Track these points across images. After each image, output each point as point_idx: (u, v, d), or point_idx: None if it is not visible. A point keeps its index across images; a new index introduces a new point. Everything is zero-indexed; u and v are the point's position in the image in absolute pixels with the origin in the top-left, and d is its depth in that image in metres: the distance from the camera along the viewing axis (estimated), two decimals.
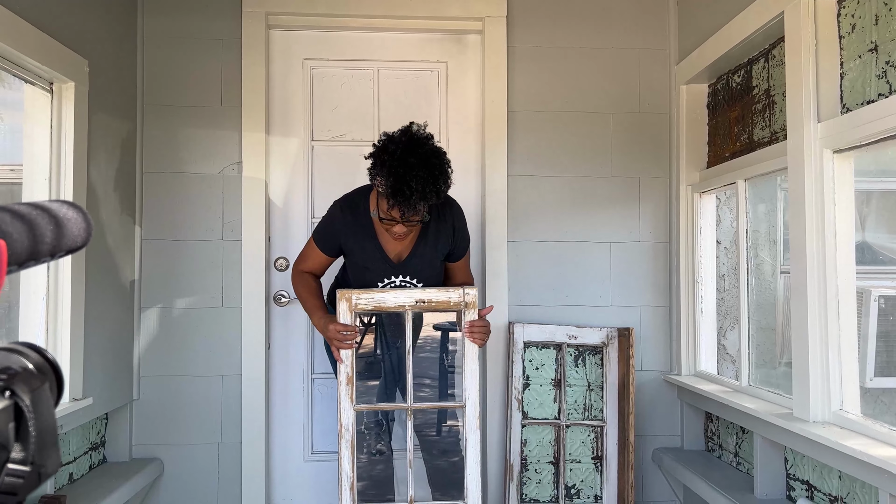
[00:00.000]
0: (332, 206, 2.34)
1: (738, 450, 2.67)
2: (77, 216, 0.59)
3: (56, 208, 0.58)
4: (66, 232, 0.58)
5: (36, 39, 2.09)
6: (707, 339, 2.92)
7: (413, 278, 2.32)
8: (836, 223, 2.03)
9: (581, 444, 2.88)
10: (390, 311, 2.16)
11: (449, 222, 2.32)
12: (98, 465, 2.68)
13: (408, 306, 2.09)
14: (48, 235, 0.56)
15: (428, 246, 2.30)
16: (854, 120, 1.91)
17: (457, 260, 2.41)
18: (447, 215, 2.32)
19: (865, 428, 1.89)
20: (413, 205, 1.99)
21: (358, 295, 2.12)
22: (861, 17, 1.95)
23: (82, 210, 0.61)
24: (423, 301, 2.10)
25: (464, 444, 2.13)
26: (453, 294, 2.11)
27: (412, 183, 1.94)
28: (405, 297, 2.10)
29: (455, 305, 2.12)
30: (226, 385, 2.88)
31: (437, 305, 2.12)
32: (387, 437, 2.53)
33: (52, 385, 0.52)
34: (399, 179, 1.95)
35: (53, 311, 2.28)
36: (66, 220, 0.58)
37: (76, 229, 0.59)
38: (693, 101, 2.96)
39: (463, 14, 2.97)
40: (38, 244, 0.54)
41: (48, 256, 0.56)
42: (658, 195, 3.05)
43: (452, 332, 2.21)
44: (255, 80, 2.90)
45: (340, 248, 2.32)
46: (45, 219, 0.56)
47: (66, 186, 2.31)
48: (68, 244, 0.58)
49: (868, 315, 2.67)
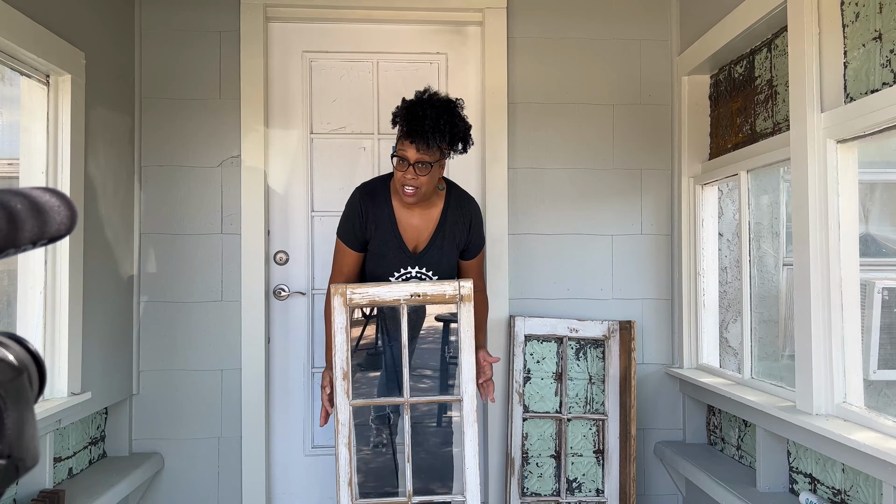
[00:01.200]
0: (351, 195, 2.32)
1: (740, 443, 2.66)
2: (60, 203, 0.58)
3: (37, 195, 0.56)
4: (48, 219, 0.56)
5: (31, 31, 2.08)
6: (709, 331, 2.91)
7: (429, 270, 2.30)
8: (839, 214, 2.01)
9: (583, 437, 2.87)
10: (385, 304, 2.14)
11: (466, 216, 2.32)
12: (98, 460, 2.68)
13: (402, 300, 2.07)
14: (28, 222, 0.54)
15: (445, 238, 2.30)
16: (858, 109, 1.88)
17: (470, 258, 2.39)
18: (465, 208, 2.33)
19: (870, 420, 1.87)
20: (426, 134, 2.04)
21: (352, 290, 2.10)
22: (865, 5, 1.92)
23: (65, 197, 0.59)
24: (417, 294, 2.08)
25: (462, 438, 2.11)
26: (448, 287, 2.10)
27: (427, 110, 2.06)
28: (400, 290, 2.09)
29: (450, 299, 2.10)
30: (226, 379, 2.87)
31: (432, 298, 2.10)
32: (388, 430, 2.52)
33: (34, 377, 0.50)
34: (414, 106, 2.09)
35: (51, 306, 2.27)
36: (48, 206, 0.56)
37: (59, 216, 0.57)
38: (695, 92, 2.94)
39: (463, 5, 2.95)
40: (17, 231, 0.53)
41: (29, 244, 0.54)
42: (660, 187, 3.03)
43: (454, 324, 2.19)
44: (254, 73, 2.88)
45: (365, 238, 2.28)
46: (25, 205, 0.54)
47: (64, 180, 2.29)
48: (51, 232, 0.56)
49: (871, 307, 2.65)
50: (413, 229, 2.28)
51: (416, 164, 2.10)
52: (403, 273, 2.29)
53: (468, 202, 2.35)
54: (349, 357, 2.08)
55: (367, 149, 3.03)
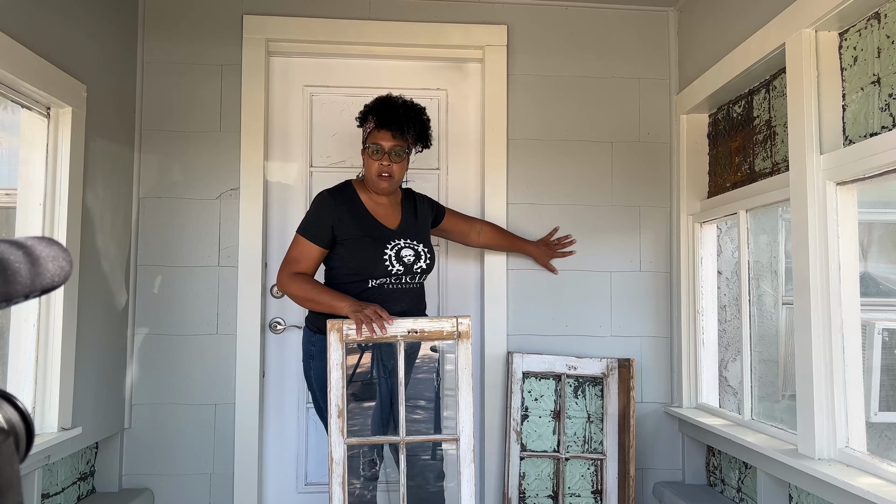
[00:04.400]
0: (316, 197, 2.42)
1: (740, 485, 2.62)
2: (56, 253, 0.56)
3: (33, 245, 0.55)
4: (42, 270, 0.55)
5: (33, 64, 2.08)
6: (708, 370, 2.88)
7: (412, 239, 2.39)
8: (839, 256, 2.00)
9: (581, 477, 2.82)
10: (383, 341, 2.11)
11: (423, 199, 2.60)
12: (86, 496, 2.62)
13: (400, 336, 2.05)
14: (23, 275, 0.53)
15: (416, 214, 2.50)
16: (857, 153, 1.89)
17: (446, 217, 2.67)
18: (420, 196, 2.60)
19: (872, 466, 1.84)
20: (400, 121, 2.28)
21: (348, 325, 2.08)
22: (863, 49, 1.94)
23: (62, 247, 0.58)
24: (415, 331, 2.06)
25: (458, 478, 2.07)
26: (446, 324, 2.08)
27: (398, 103, 2.34)
28: (397, 327, 2.07)
29: (448, 335, 2.08)
30: (219, 414, 2.83)
31: (430, 335, 2.08)
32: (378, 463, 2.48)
33: (21, 438, 0.49)
34: (385, 101, 2.35)
35: (44, 339, 2.24)
36: (43, 257, 0.55)
37: (54, 267, 0.56)
38: (694, 131, 2.95)
39: (464, 42, 2.98)
40: (11, 284, 0.51)
41: (22, 297, 0.53)
42: (658, 224, 3.03)
43: (449, 353, 2.18)
44: (255, 106, 2.89)
45: (333, 235, 2.31)
46: (19, 257, 0.53)
47: (61, 211, 2.28)
48: (44, 283, 0.55)
49: (872, 348, 2.64)
50: (384, 216, 2.41)
51: (391, 151, 2.31)
52: (393, 245, 2.34)
53: (421, 194, 2.63)
54: (345, 394, 2.05)
55: None
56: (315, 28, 2.92)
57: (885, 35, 1.85)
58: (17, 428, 0.48)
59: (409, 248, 2.36)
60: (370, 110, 2.38)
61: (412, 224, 2.47)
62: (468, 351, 2.07)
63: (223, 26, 2.91)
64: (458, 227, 2.74)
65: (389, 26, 2.95)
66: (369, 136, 2.37)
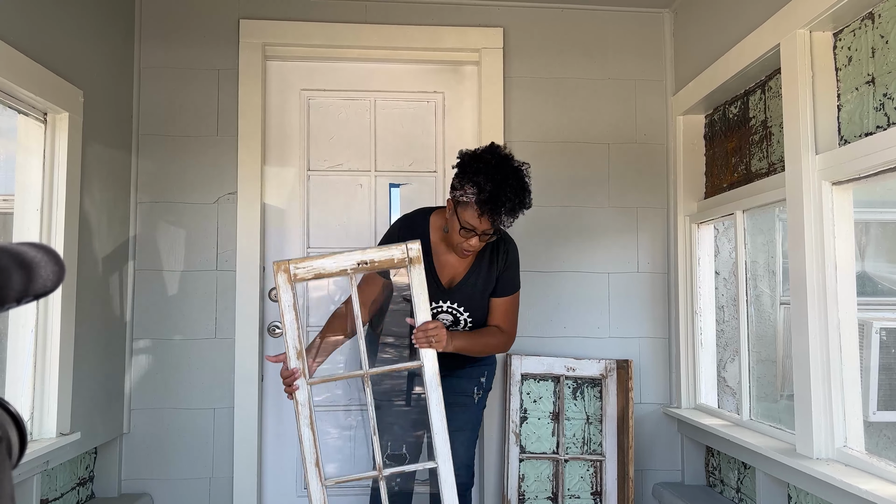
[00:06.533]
0: (391, 226, 2.32)
1: (739, 485, 2.62)
2: (47, 259, 0.56)
3: (25, 251, 0.55)
4: (35, 276, 0.55)
5: (30, 70, 2.08)
6: (707, 371, 2.88)
7: (460, 306, 2.23)
8: (836, 256, 2.00)
9: (580, 478, 2.82)
10: (332, 276, 2.02)
11: (502, 254, 2.28)
12: (86, 501, 2.62)
13: (349, 269, 1.95)
14: (15, 280, 0.53)
15: (481, 276, 2.25)
16: (853, 152, 1.89)
17: (497, 296, 2.29)
18: (501, 246, 2.28)
19: (871, 466, 1.84)
20: (501, 214, 2.00)
21: (296, 265, 1.98)
22: (857, 49, 1.95)
23: (54, 252, 0.58)
24: (364, 262, 1.95)
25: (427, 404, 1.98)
26: (396, 251, 1.97)
27: (508, 192, 1.99)
28: (345, 260, 1.96)
29: (399, 263, 1.97)
30: (218, 418, 2.83)
31: (379, 265, 1.98)
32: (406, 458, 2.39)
33: (14, 443, 0.49)
34: (497, 186, 1.99)
35: (42, 344, 2.24)
36: (35, 263, 0.55)
37: (46, 273, 0.56)
38: (690, 132, 2.96)
39: (460, 45, 2.98)
40: (3, 289, 0.52)
41: (14, 303, 0.53)
42: (656, 225, 3.03)
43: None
44: (252, 110, 2.89)
45: None
46: (12, 262, 0.53)
47: (59, 217, 2.28)
48: (37, 289, 0.55)
49: (870, 347, 2.64)
50: (449, 266, 2.24)
51: (482, 233, 2.07)
52: (434, 307, 2.21)
53: (507, 244, 2.30)
54: (301, 336, 1.98)
55: (364, 186, 3.03)
56: (311, 32, 2.93)
57: (879, 35, 1.86)
58: (9, 432, 0.48)
59: (448, 313, 2.24)
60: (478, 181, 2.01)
61: (473, 283, 2.24)
62: (422, 275, 1.96)
63: (220, 31, 2.92)
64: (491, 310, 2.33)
65: (385, 30, 2.95)
66: (465, 211, 2.05)
